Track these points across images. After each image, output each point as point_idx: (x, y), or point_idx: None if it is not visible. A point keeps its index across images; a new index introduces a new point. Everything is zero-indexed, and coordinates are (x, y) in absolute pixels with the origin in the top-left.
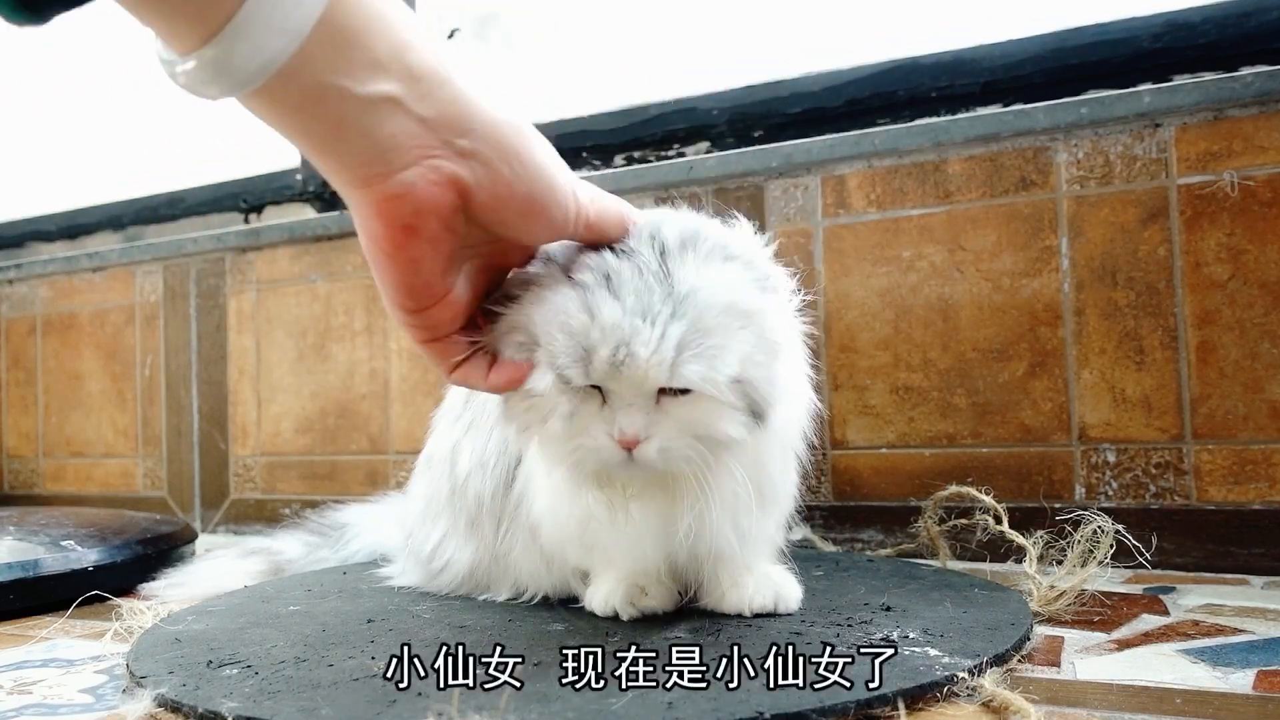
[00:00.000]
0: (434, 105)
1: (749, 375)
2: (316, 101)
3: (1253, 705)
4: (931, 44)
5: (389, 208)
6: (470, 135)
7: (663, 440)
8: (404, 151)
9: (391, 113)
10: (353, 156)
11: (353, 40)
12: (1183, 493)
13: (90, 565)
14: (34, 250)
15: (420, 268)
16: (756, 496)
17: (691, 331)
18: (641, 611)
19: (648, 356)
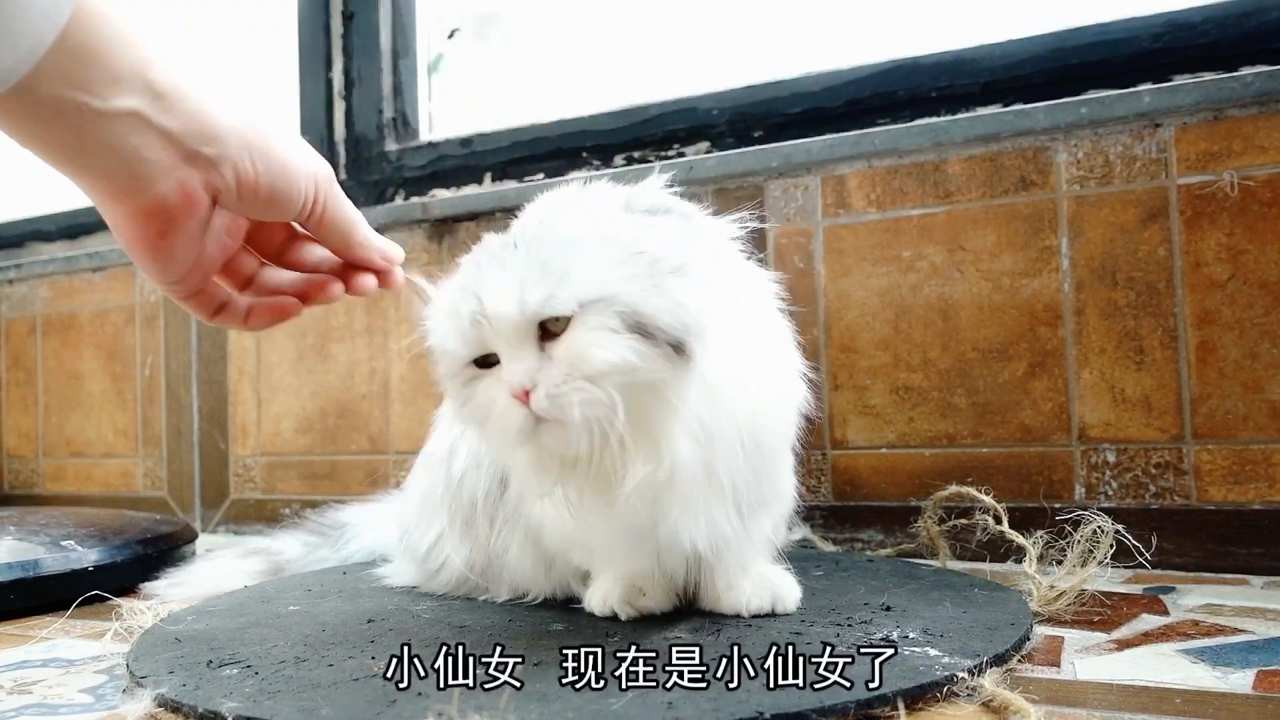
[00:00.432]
0: (177, 118)
1: (615, 292)
2: (55, 116)
3: (1253, 705)
4: (931, 44)
5: (145, 219)
6: (215, 142)
7: (550, 384)
8: (152, 165)
9: (135, 128)
10: (100, 171)
11: (93, 56)
12: (1183, 493)
13: (90, 565)
14: (34, 250)
15: (176, 257)
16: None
17: (532, 263)
18: (639, 612)
19: (496, 297)
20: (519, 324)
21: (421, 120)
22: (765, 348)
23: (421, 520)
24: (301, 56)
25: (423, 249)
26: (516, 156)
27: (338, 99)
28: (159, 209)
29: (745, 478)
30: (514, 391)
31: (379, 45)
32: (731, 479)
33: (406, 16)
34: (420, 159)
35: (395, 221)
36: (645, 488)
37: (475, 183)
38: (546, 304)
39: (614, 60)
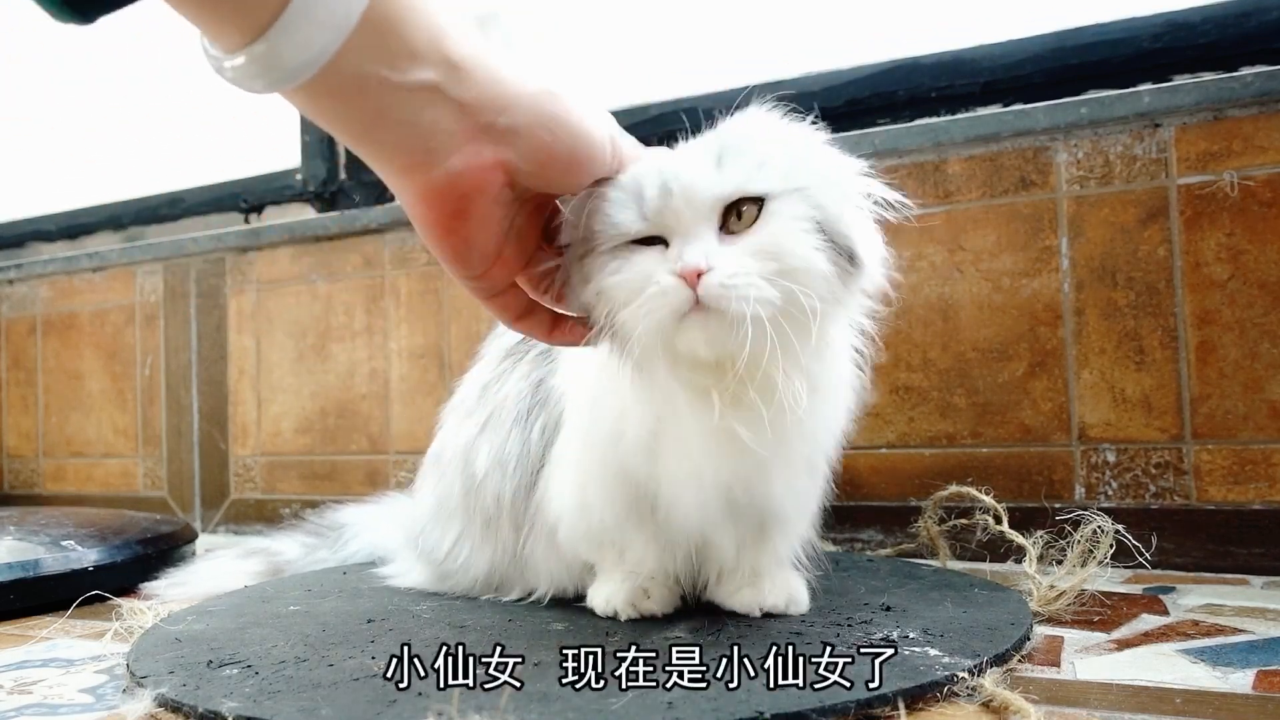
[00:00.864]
0: (472, 89)
1: (807, 183)
2: (358, 91)
3: (1252, 705)
4: (931, 44)
5: (437, 195)
6: (508, 112)
7: (729, 270)
8: (446, 138)
9: (431, 100)
10: (395, 145)
11: (393, 30)
12: (1183, 493)
13: (90, 565)
14: (34, 250)
15: (473, 243)
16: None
17: (726, 148)
18: (641, 614)
19: (691, 170)
20: (712, 201)
21: None
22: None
23: (439, 521)
24: None
25: (423, 249)
26: None
27: None
28: (452, 185)
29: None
30: (687, 270)
31: None
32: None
33: None
34: None
35: (395, 221)
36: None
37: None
38: (748, 181)
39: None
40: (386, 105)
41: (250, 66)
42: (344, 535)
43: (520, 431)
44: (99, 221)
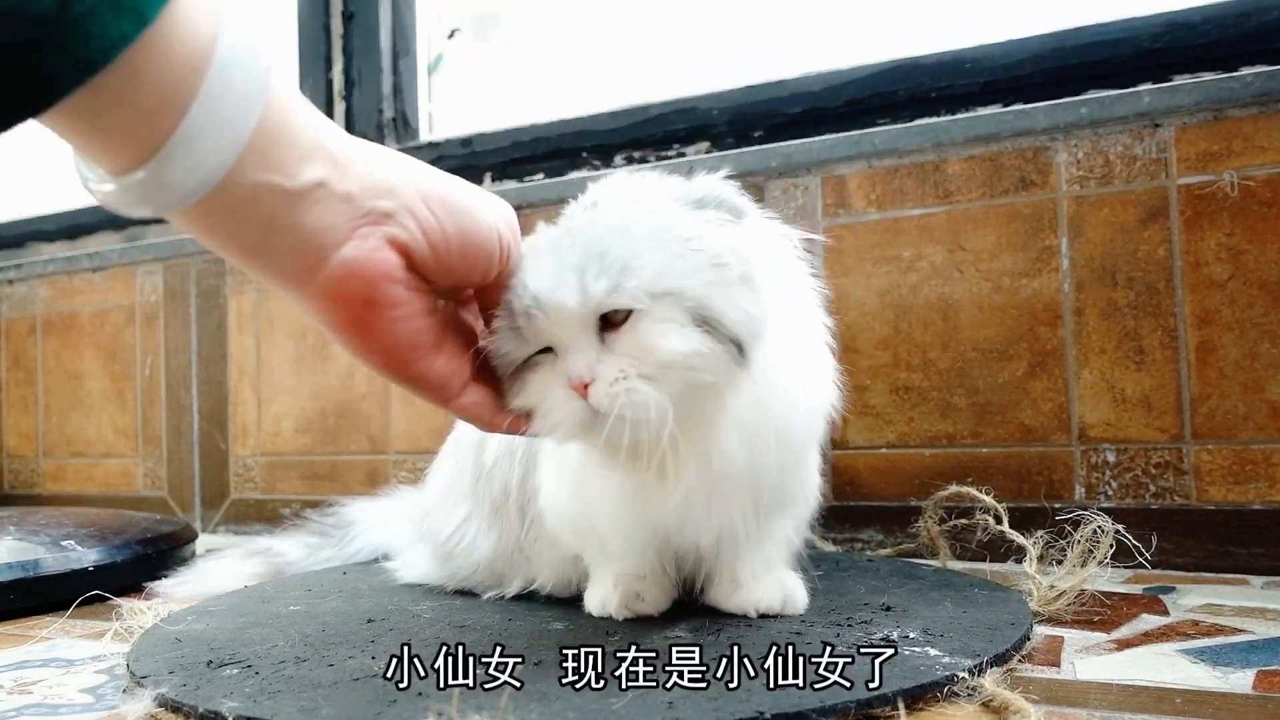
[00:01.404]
0: (355, 180)
1: (679, 286)
2: (250, 203)
3: (1252, 705)
4: (931, 44)
5: (338, 291)
6: (390, 194)
7: (609, 377)
8: (335, 231)
9: (320, 197)
10: (288, 251)
11: (283, 135)
12: (1183, 493)
13: (90, 565)
14: (34, 250)
15: (396, 334)
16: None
17: (590, 253)
18: (635, 614)
19: (549, 289)
20: (581, 315)
21: (421, 120)
22: (802, 348)
23: (446, 503)
24: (301, 56)
25: None
26: (516, 157)
27: (338, 99)
28: (349, 275)
29: (772, 477)
30: (573, 382)
31: (379, 45)
32: (757, 478)
33: (406, 16)
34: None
35: None
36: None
37: (475, 183)
38: (611, 295)
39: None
40: (279, 212)
41: (126, 194)
42: (349, 533)
43: None
44: (99, 221)
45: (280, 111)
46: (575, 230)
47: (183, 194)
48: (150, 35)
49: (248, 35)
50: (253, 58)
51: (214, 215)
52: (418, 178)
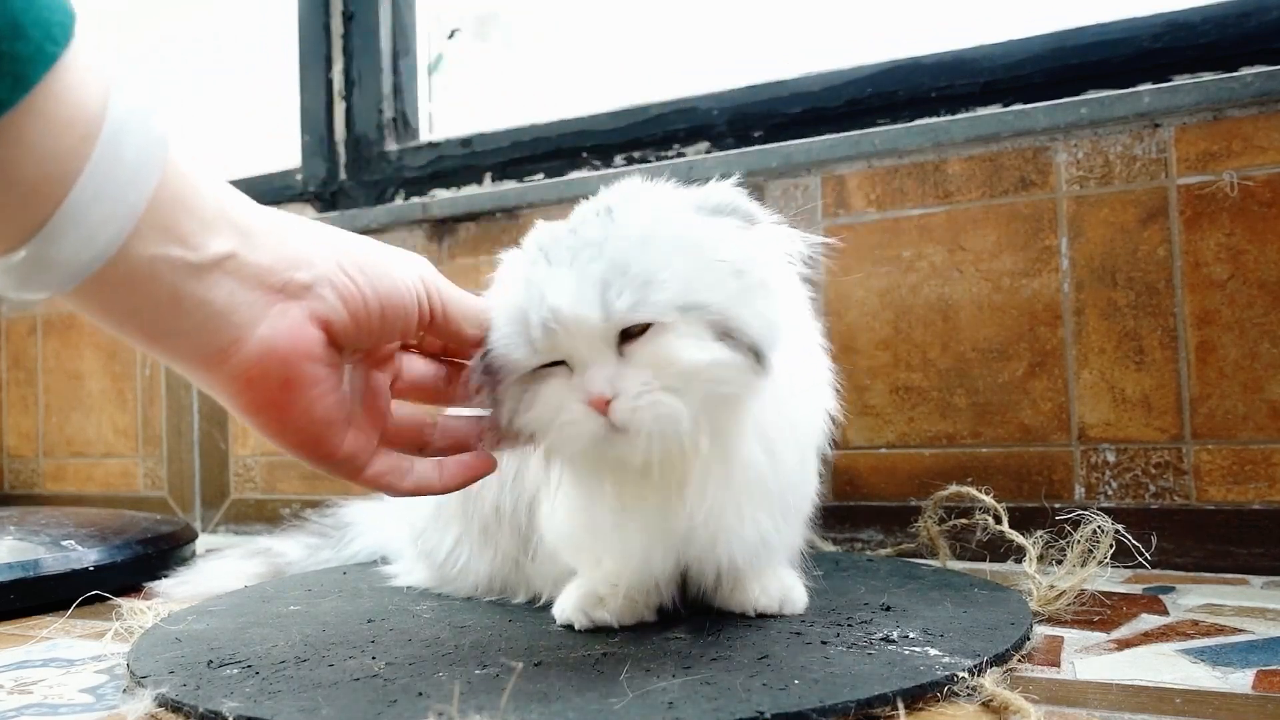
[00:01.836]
0: (266, 252)
1: (704, 300)
2: (149, 279)
3: (1252, 705)
4: (931, 44)
5: (256, 374)
6: (306, 265)
7: (632, 391)
8: (249, 307)
9: (229, 271)
10: (197, 331)
11: (183, 204)
12: (1182, 493)
13: (90, 565)
14: None
15: (314, 416)
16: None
17: (611, 265)
18: (594, 623)
19: (572, 303)
20: (603, 331)
21: (421, 120)
22: (804, 355)
23: (437, 523)
24: (301, 56)
25: (423, 249)
26: (516, 157)
27: (338, 99)
28: (267, 356)
29: (795, 482)
30: (593, 399)
31: (379, 45)
32: (781, 485)
33: (406, 16)
34: (420, 159)
35: (395, 221)
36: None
37: (475, 183)
38: (635, 310)
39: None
40: (184, 289)
41: (8, 276)
42: (347, 534)
43: None
44: None
45: (180, 180)
46: (593, 240)
47: (71, 272)
48: (32, 100)
49: (141, 100)
50: (147, 124)
51: (110, 294)
52: (332, 244)
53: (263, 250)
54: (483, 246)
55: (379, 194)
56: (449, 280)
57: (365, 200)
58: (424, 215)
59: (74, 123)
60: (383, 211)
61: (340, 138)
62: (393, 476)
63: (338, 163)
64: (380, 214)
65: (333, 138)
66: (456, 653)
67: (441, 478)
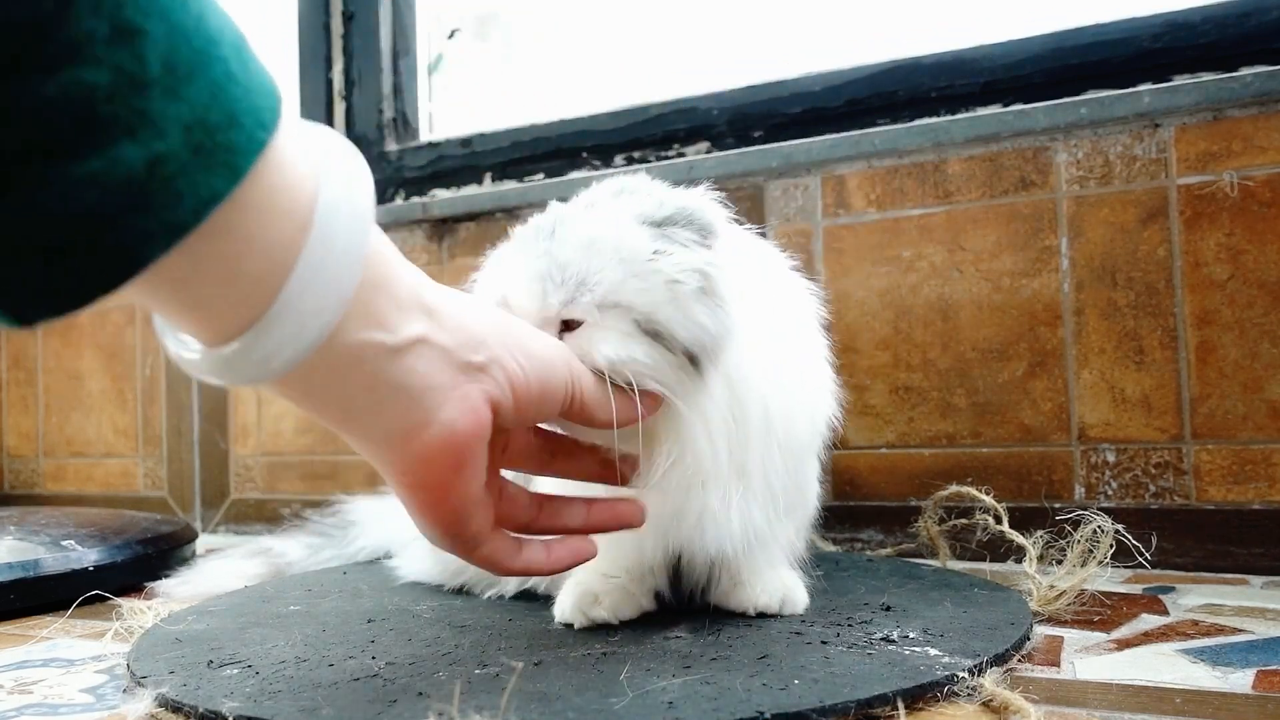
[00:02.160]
0: (451, 332)
1: (629, 300)
2: (353, 365)
3: (1252, 705)
4: (931, 44)
5: (437, 453)
6: (482, 347)
7: None
8: (438, 391)
9: (422, 354)
10: (388, 414)
11: (383, 288)
12: (1182, 493)
13: (91, 565)
14: None
15: (470, 496)
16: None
17: (555, 264)
18: (592, 621)
19: (518, 290)
20: (540, 320)
21: (421, 120)
22: (797, 357)
23: None
24: (301, 56)
25: (423, 249)
26: (516, 156)
27: (338, 99)
28: (450, 438)
29: (783, 478)
30: None
31: (379, 45)
32: (767, 478)
33: (406, 16)
34: (420, 159)
35: (395, 221)
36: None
37: (475, 183)
38: (565, 307)
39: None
40: (380, 373)
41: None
42: (350, 533)
43: None
44: None
45: (379, 261)
46: (548, 240)
47: (280, 363)
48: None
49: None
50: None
51: (311, 379)
52: (499, 327)
53: (447, 331)
54: (483, 247)
55: (379, 194)
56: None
57: None
58: (424, 215)
59: (291, 212)
60: (383, 211)
61: None
62: (504, 555)
63: None
64: (380, 214)
65: None
66: (456, 653)
67: (549, 559)
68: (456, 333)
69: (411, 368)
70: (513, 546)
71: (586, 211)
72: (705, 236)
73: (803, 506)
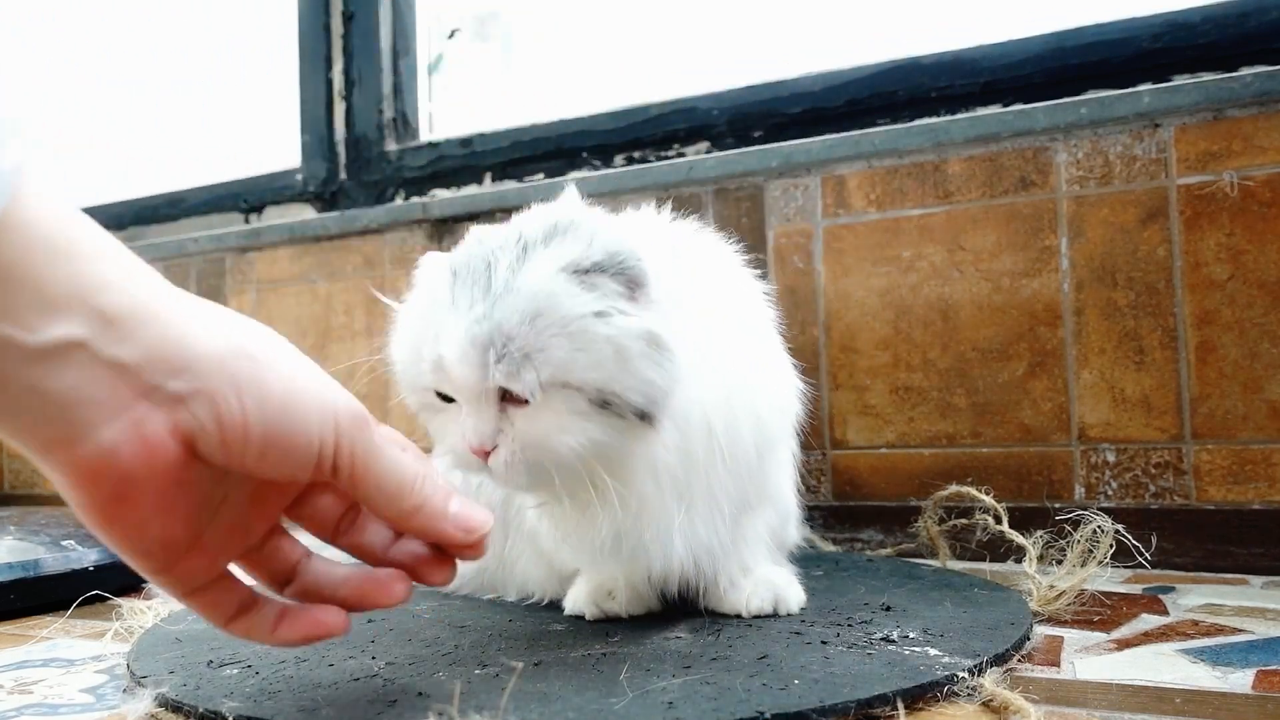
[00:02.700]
0: (135, 346)
1: (579, 379)
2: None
3: (1252, 705)
4: (931, 44)
5: (89, 475)
6: (186, 373)
7: (507, 452)
8: (94, 406)
9: (71, 362)
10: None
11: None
12: (1182, 493)
13: (91, 565)
14: None
15: (147, 531)
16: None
17: (497, 335)
18: (605, 614)
19: (457, 359)
20: (481, 391)
21: (421, 120)
22: (747, 357)
23: None
24: (301, 56)
25: (423, 249)
26: (516, 157)
27: (338, 99)
28: (106, 462)
29: (726, 487)
30: (470, 448)
31: (379, 45)
32: (711, 494)
33: (406, 16)
34: (420, 159)
35: (395, 221)
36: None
37: (475, 183)
38: (509, 380)
39: (614, 60)
40: (9, 371)
41: None
42: None
43: None
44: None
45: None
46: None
47: None
48: None
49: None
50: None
51: None
52: (227, 355)
53: (130, 344)
54: None
55: (379, 194)
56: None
57: (365, 200)
58: (424, 215)
59: None
60: (382, 211)
61: (340, 138)
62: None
63: (338, 163)
64: (380, 214)
65: (333, 138)
66: (456, 653)
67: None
68: (149, 350)
69: (57, 375)
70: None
71: (522, 262)
72: (633, 290)
73: (770, 501)
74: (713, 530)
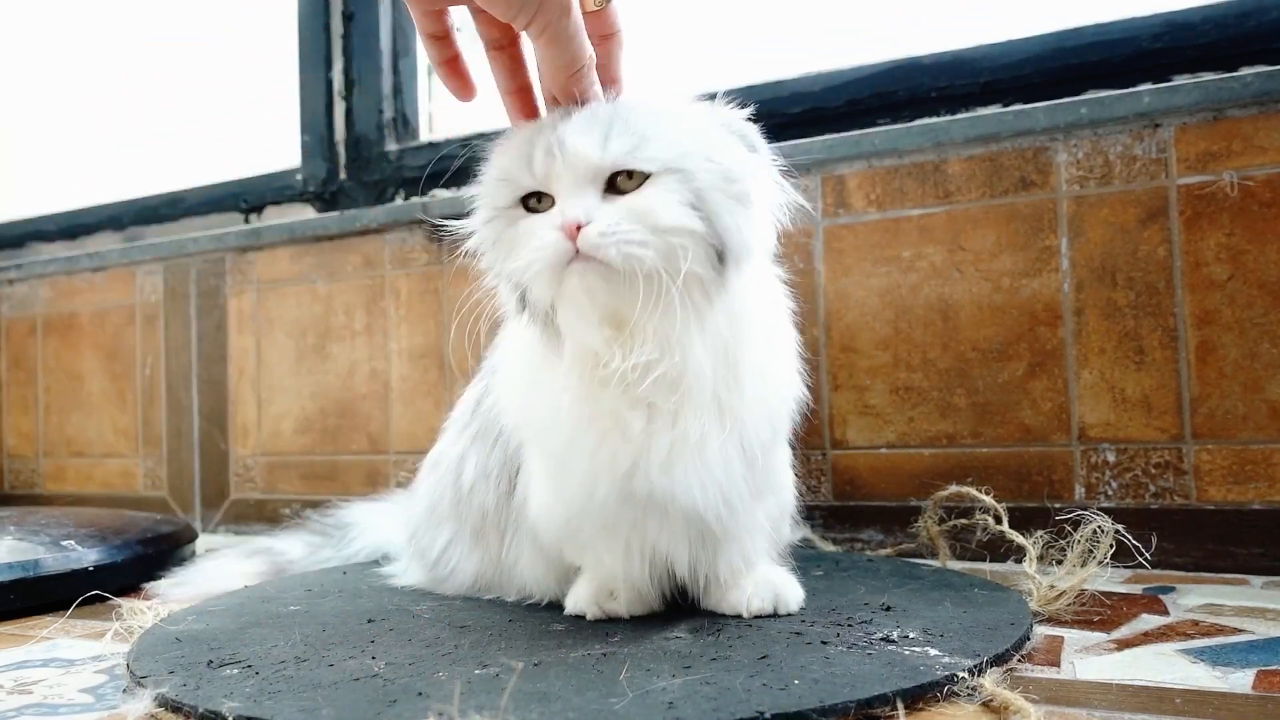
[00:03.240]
0: None
1: (690, 168)
2: None
3: (1252, 705)
4: (931, 44)
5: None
6: None
7: (604, 224)
8: None
9: None
10: None
11: None
12: (1182, 493)
13: (90, 565)
14: (34, 250)
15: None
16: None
17: (618, 119)
18: (606, 614)
19: (579, 136)
20: (596, 167)
21: (421, 120)
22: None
23: (430, 526)
24: (301, 56)
25: (423, 249)
26: None
27: (338, 99)
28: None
29: (762, 439)
30: (567, 224)
31: (379, 45)
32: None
33: (406, 16)
34: (420, 159)
35: (395, 221)
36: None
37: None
38: (629, 155)
39: None
40: None
41: None
42: (348, 534)
43: (504, 444)
44: (99, 221)
45: None
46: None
47: None
48: None
49: None
50: None
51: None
52: None
53: None
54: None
55: (379, 194)
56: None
57: (365, 200)
58: (424, 215)
59: None
60: (382, 211)
61: (340, 138)
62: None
63: (338, 163)
64: (380, 214)
65: (333, 138)
66: (456, 653)
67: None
68: None
69: None
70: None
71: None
72: (753, 151)
73: (773, 491)
74: (730, 478)
